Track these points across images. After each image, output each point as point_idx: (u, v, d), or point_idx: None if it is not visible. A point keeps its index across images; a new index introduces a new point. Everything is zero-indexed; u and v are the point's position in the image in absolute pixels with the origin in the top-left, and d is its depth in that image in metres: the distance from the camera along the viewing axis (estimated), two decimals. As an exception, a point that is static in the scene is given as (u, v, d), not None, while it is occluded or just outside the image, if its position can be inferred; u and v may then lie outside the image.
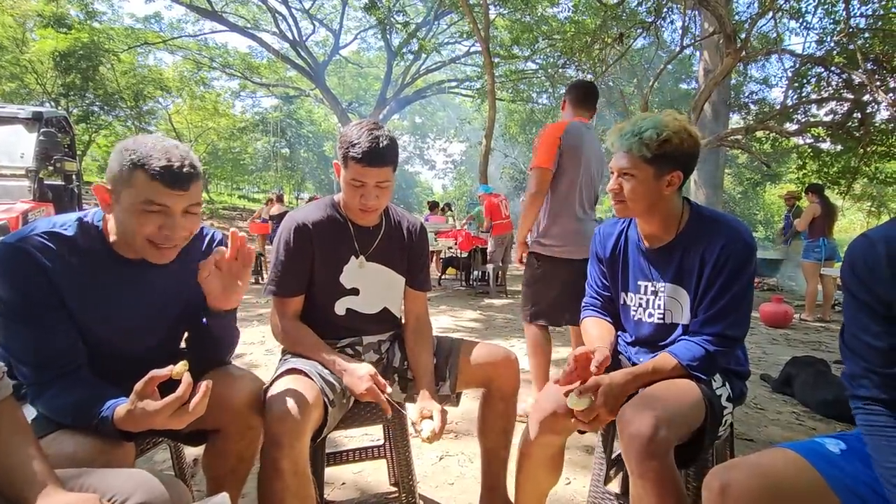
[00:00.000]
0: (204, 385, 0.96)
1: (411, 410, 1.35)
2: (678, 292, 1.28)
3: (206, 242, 1.24)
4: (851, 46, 7.52)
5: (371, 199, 1.33)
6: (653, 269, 1.32)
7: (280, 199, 8.95)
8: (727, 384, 1.26)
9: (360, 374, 1.27)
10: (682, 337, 1.26)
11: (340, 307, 1.46)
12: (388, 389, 1.28)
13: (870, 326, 0.82)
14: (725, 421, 1.24)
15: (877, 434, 0.81)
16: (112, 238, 1.07)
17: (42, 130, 4.23)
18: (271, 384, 1.24)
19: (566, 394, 1.16)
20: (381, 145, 1.26)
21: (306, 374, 1.25)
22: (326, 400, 1.23)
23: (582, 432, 1.45)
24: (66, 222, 1.06)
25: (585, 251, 1.66)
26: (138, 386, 0.93)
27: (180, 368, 0.96)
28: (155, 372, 0.95)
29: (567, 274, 2.28)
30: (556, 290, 2.34)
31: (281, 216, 8.11)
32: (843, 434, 0.92)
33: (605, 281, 1.45)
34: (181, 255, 1.11)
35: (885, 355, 0.81)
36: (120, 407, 0.96)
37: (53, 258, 1.01)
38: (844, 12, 7.33)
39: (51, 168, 4.35)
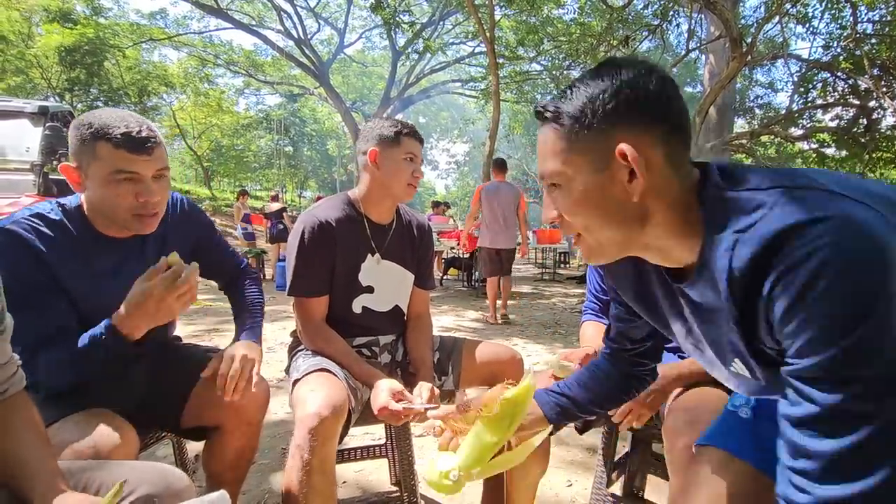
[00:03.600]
0: (192, 264, 1.00)
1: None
2: None
3: (178, 207, 1.26)
4: (858, 52, 7.50)
5: (419, 172, 1.44)
6: None
7: (276, 198, 8.93)
8: None
9: (381, 396, 1.23)
10: None
11: (357, 305, 1.46)
12: (417, 405, 1.24)
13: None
14: None
15: None
16: (91, 216, 1.09)
17: (47, 125, 4.24)
18: (297, 382, 1.24)
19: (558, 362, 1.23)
20: (414, 127, 1.47)
21: (333, 374, 1.25)
22: (350, 406, 1.22)
23: (580, 431, 1.45)
24: (49, 207, 1.07)
25: (495, 243, 4.83)
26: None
27: (172, 258, 1.00)
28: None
29: (495, 253, 5.08)
30: (492, 261, 5.11)
31: (278, 213, 8.10)
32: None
33: (602, 286, 1.49)
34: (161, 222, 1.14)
35: None
36: (116, 312, 0.98)
37: (44, 240, 1.02)
38: (851, 18, 7.31)
39: (56, 162, 4.35)
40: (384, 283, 1.48)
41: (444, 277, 8.83)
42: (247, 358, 1.16)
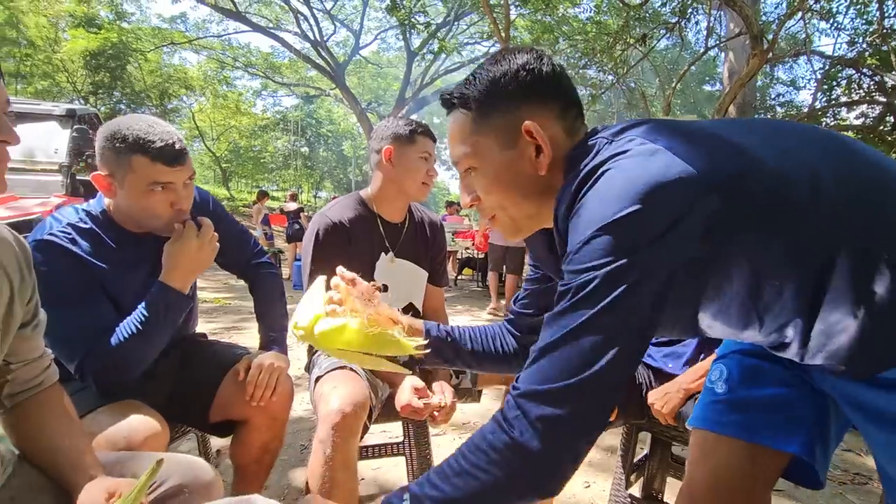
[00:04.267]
0: (203, 219, 1.14)
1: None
2: None
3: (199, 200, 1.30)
4: (885, 48, 7.29)
5: (433, 171, 1.45)
6: None
7: (294, 198, 9.02)
8: None
9: (405, 393, 1.27)
10: None
11: None
12: (436, 399, 1.28)
13: None
14: None
15: None
16: (119, 218, 1.14)
17: (75, 127, 4.37)
18: (319, 379, 1.27)
19: None
20: (428, 126, 1.47)
21: (355, 372, 1.27)
22: (371, 403, 1.25)
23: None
24: (77, 217, 1.12)
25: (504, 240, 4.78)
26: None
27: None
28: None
29: (503, 251, 5.51)
30: (497, 256, 5.63)
31: (296, 212, 8.18)
32: (723, 360, 0.88)
33: None
34: None
35: None
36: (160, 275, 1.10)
37: (79, 247, 1.08)
38: (878, 13, 7.12)
39: (82, 164, 4.48)
40: (398, 281, 1.50)
41: (459, 277, 8.83)
42: (274, 367, 1.21)
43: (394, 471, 1.92)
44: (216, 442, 1.83)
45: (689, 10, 7.88)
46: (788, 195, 0.58)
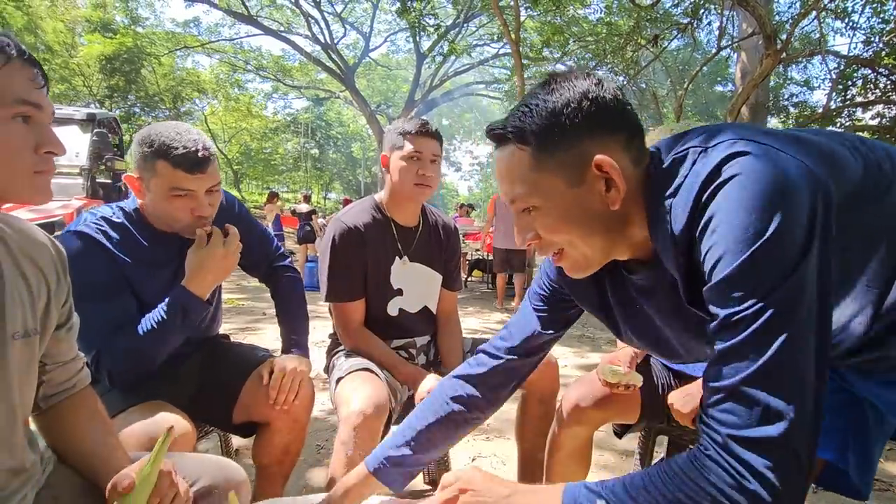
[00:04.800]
0: (229, 227, 1.17)
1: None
2: None
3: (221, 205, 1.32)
4: (902, 47, 7.19)
5: (427, 170, 1.39)
6: None
7: (307, 199, 9.05)
8: None
9: (428, 381, 1.30)
10: None
11: (393, 308, 1.50)
12: None
13: None
14: None
15: None
16: (150, 218, 1.18)
17: (95, 131, 4.46)
18: (339, 381, 1.29)
19: (604, 366, 1.22)
20: (429, 125, 1.44)
21: (375, 374, 1.29)
22: (391, 405, 1.27)
23: (619, 436, 1.45)
24: (111, 212, 1.18)
25: (506, 244, 5.76)
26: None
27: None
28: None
29: (505, 252, 5.94)
30: (501, 259, 6.00)
31: (308, 214, 8.22)
32: None
33: None
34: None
35: None
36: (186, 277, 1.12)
37: (110, 240, 1.12)
38: (894, 11, 7.01)
39: (102, 166, 4.57)
40: (413, 284, 1.51)
41: (469, 279, 8.84)
42: (296, 371, 1.23)
43: (409, 472, 1.93)
44: (235, 441, 1.86)
45: (702, 10, 7.82)
46: (876, 180, 0.61)
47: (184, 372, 1.32)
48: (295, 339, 1.36)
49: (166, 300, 1.11)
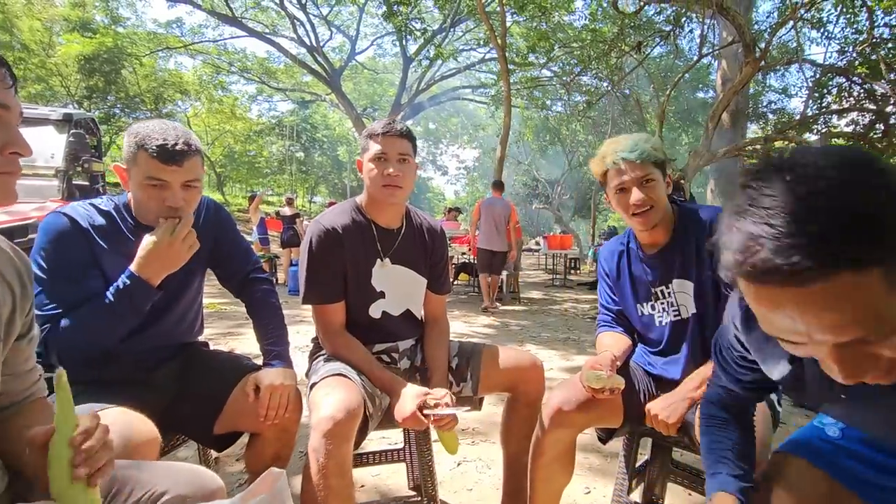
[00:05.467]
0: (188, 214, 1.17)
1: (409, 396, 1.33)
2: (684, 285, 1.35)
3: (205, 209, 1.35)
4: (874, 56, 7.41)
5: (394, 170, 1.36)
6: (659, 272, 1.38)
7: (290, 203, 8.92)
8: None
9: (407, 403, 1.27)
10: None
11: (376, 310, 1.48)
12: (441, 411, 1.27)
13: None
14: (779, 420, 1.27)
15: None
16: (136, 210, 1.22)
17: (71, 132, 4.34)
18: (313, 386, 1.28)
19: (586, 372, 1.23)
20: (396, 125, 1.42)
21: (349, 378, 1.27)
22: (367, 412, 1.25)
23: (603, 441, 1.45)
24: (101, 201, 1.23)
25: (490, 246, 6.22)
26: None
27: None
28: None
29: (489, 254, 6.23)
30: (485, 259, 6.27)
31: (292, 218, 8.14)
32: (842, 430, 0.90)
33: (614, 297, 1.51)
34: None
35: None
36: (134, 261, 1.12)
37: (93, 224, 1.16)
38: (868, 22, 7.24)
39: (79, 168, 4.46)
40: (394, 287, 1.49)
41: (455, 283, 8.83)
42: (284, 386, 1.23)
43: (394, 477, 1.91)
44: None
45: (683, 18, 7.98)
46: None
47: (160, 380, 1.29)
48: (276, 351, 1.34)
49: (115, 284, 1.12)
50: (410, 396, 1.27)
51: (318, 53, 17.60)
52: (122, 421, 1.01)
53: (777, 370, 0.78)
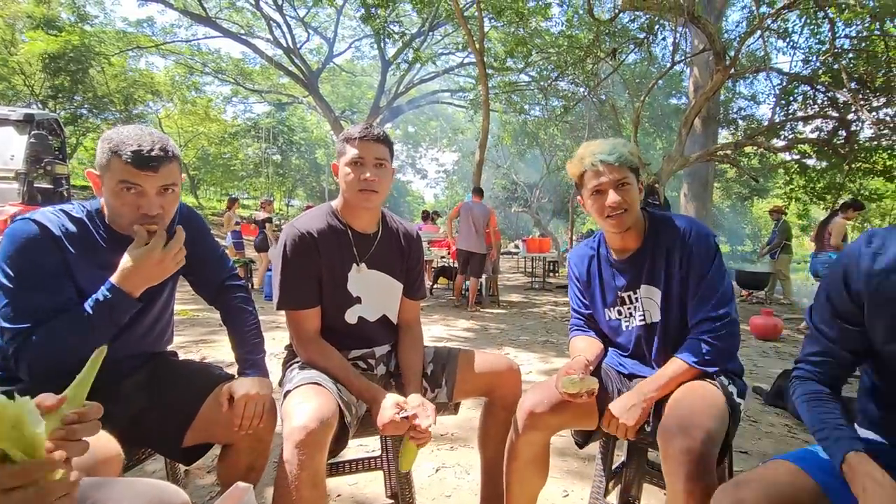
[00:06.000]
0: (178, 227, 1.15)
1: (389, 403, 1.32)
2: (651, 291, 1.37)
3: (178, 215, 1.29)
4: (836, 66, 7.73)
5: (370, 175, 1.35)
6: (627, 277, 1.40)
7: (265, 206, 8.66)
8: (731, 382, 1.30)
9: (387, 408, 1.27)
10: (689, 338, 1.31)
11: (352, 316, 1.45)
12: (424, 423, 1.26)
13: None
14: (740, 417, 1.29)
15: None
16: (108, 217, 1.18)
17: (33, 133, 4.16)
18: (287, 394, 1.24)
19: (561, 378, 1.24)
20: (374, 129, 1.39)
21: (323, 387, 1.24)
22: (346, 421, 1.22)
23: (580, 446, 1.45)
24: (72, 207, 1.18)
25: (468, 247, 6.43)
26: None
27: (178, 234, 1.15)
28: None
29: (466, 254, 6.46)
30: (462, 260, 6.50)
31: (263, 222, 7.98)
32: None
33: (584, 301, 1.53)
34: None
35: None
36: (114, 275, 1.09)
37: (64, 231, 1.11)
38: (829, 33, 7.54)
39: (40, 171, 4.28)
40: (370, 292, 1.47)
41: (434, 286, 8.81)
42: (259, 395, 1.21)
43: (371, 485, 1.88)
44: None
45: (656, 26, 8.17)
46: None
47: (125, 390, 1.24)
48: (252, 360, 1.31)
49: (94, 296, 1.08)
50: (390, 406, 1.26)
51: (295, 55, 17.41)
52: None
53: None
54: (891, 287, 0.88)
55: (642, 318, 1.38)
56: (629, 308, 1.41)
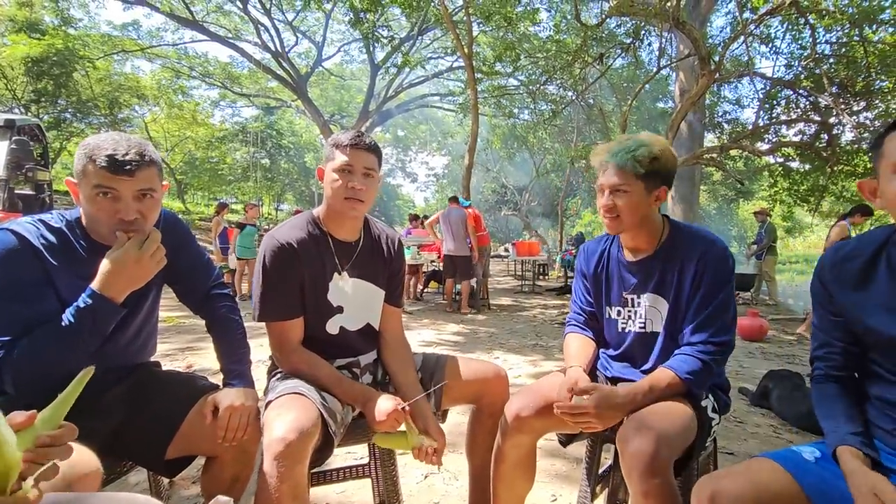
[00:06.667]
0: (154, 229, 1.12)
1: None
2: (658, 301, 1.35)
3: (162, 221, 1.27)
4: (818, 71, 7.89)
5: (358, 184, 1.33)
6: (635, 280, 1.38)
7: (248, 209, 8.52)
8: (710, 396, 1.30)
9: (385, 401, 1.28)
10: (677, 351, 1.29)
11: (333, 326, 1.43)
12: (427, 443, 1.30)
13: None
14: (713, 432, 1.28)
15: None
16: (88, 226, 1.16)
17: (14, 139, 4.08)
18: (268, 405, 1.23)
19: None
20: (364, 138, 1.37)
21: (305, 396, 1.22)
22: (330, 430, 1.21)
23: (564, 444, 1.46)
24: (51, 216, 1.16)
25: (450, 251, 6.68)
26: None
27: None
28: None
29: (451, 259, 6.72)
30: (447, 264, 6.78)
31: (242, 227, 7.89)
32: (818, 443, 1.03)
33: (588, 297, 1.50)
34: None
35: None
36: (94, 282, 1.06)
37: (43, 241, 1.09)
38: (811, 39, 7.69)
39: (21, 177, 4.20)
40: (353, 301, 1.45)
41: (425, 291, 8.79)
42: (244, 407, 1.19)
43: (359, 493, 1.86)
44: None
45: (643, 31, 8.27)
46: None
47: (107, 402, 1.22)
48: (238, 371, 1.29)
49: (76, 304, 1.06)
50: (387, 398, 1.28)
51: (284, 59, 17.34)
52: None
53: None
54: (846, 274, 1.01)
55: (642, 325, 1.36)
56: (630, 311, 1.39)
